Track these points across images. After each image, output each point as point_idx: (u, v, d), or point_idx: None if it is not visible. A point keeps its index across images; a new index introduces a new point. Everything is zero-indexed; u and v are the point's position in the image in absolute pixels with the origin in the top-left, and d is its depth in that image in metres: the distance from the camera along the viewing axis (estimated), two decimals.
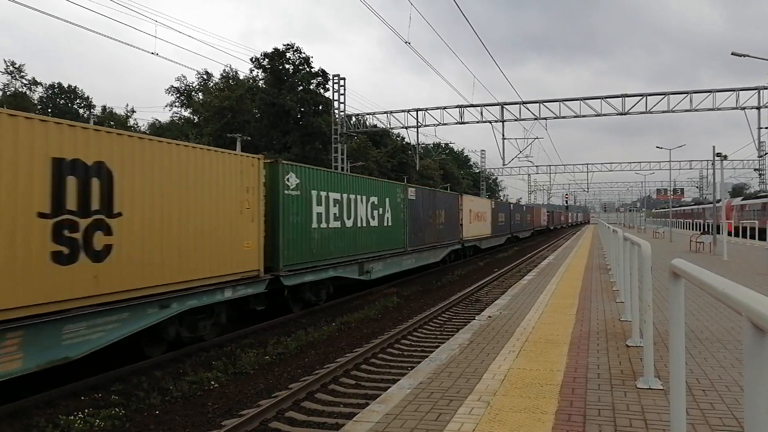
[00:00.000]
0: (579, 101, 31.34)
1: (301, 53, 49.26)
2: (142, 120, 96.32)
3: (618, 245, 10.38)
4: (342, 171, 31.39)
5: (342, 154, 34.65)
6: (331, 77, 35.68)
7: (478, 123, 33.26)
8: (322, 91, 49.30)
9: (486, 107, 33.10)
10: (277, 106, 47.25)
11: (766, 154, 35.80)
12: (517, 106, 32.62)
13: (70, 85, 66.15)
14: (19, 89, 58.28)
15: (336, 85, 34.45)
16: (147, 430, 6.65)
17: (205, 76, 62.80)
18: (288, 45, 49.24)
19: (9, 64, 57.70)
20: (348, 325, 12.39)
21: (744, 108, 29.60)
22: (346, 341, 11.06)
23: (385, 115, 35.15)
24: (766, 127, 29.78)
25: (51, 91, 64.54)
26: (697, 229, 37.19)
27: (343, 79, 34.09)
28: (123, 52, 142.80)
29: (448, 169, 77.25)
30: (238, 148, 31.72)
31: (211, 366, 8.87)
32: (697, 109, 29.93)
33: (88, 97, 66.84)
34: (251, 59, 50.68)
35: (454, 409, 4.38)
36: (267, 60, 49.28)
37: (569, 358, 5.90)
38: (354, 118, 36.22)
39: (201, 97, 59.08)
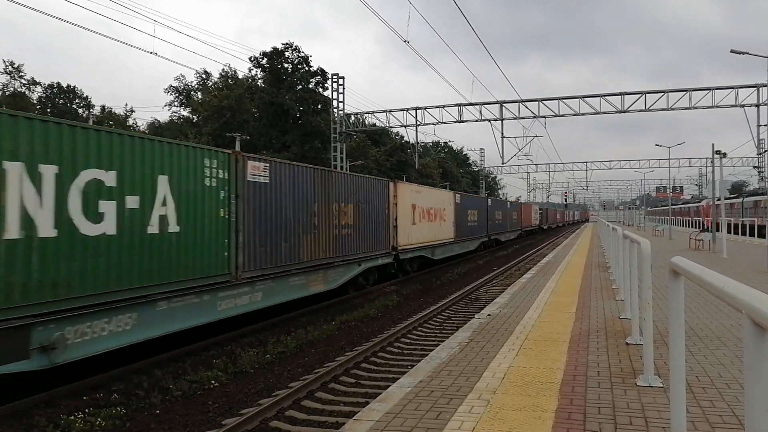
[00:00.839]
0: (578, 99, 31.31)
1: (300, 52, 49.26)
2: (142, 119, 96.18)
3: (617, 243, 10.38)
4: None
5: (341, 153, 34.66)
6: (330, 76, 35.70)
7: (477, 121, 33.28)
8: (321, 90, 49.27)
9: (485, 105, 33.11)
10: (276, 106, 47.23)
11: (765, 151, 35.76)
12: (516, 104, 32.60)
13: (69, 85, 66.12)
14: (18, 89, 58.20)
15: (335, 84, 34.48)
16: (148, 429, 6.65)
17: (204, 76, 62.84)
18: (287, 44, 49.24)
19: (8, 64, 57.65)
20: (348, 324, 12.40)
21: (743, 105, 29.62)
22: (346, 340, 11.07)
23: (384, 113, 35.17)
24: (766, 125, 29.80)
25: (50, 91, 64.43)
26: (696, 227, 37.21)
27: (342, 78, 34.09)
28: (122, 51, 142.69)
29: (447, 168, 77.27)
30: (237, 149, 31.69)
31: (211, 365, 8.87)
32: (696, 107, 29.92)
33: (87, 96, 66.83)
34: (250, 59, 50.79)
35: (454, 408, 4.38)
36: (266, 59, 49.26)
37: (569, 356, 5.90)
38: (353, 117, 36.22)
39: (200, 96, 59.00)
